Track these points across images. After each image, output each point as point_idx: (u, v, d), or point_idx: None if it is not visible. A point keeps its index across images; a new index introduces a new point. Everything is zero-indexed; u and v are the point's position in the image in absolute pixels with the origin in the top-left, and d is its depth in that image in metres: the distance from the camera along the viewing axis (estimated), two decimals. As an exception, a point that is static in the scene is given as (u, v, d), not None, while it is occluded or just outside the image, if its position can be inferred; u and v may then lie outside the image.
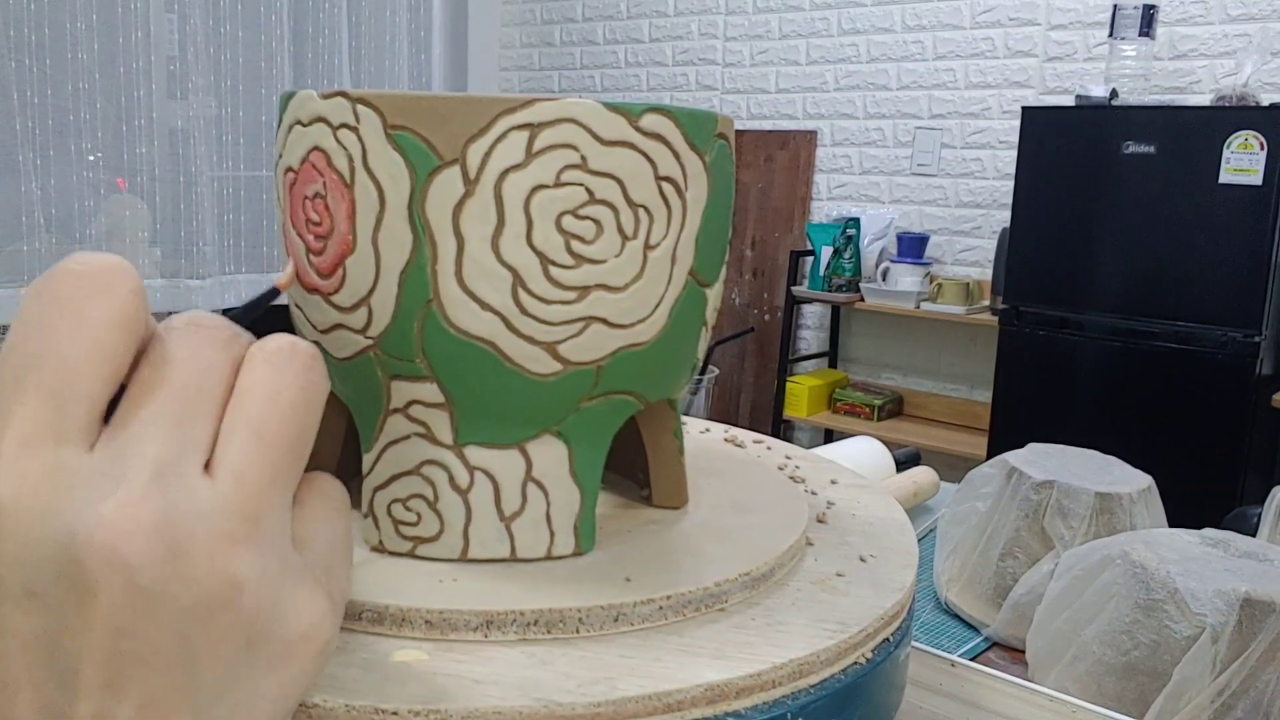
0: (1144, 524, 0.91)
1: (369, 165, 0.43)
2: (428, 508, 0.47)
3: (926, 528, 1.19)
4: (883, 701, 0.47)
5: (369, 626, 0.41)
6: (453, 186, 0.43)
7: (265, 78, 3.05)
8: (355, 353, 0.46)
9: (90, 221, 2.75)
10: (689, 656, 0.43)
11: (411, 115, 0.42)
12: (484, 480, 0.47)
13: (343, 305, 0.45)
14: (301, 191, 0.45)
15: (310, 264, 0.45)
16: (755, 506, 0.59)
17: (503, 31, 4.25)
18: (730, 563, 0.50)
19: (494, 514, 0.47)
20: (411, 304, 0.44)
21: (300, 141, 0.45)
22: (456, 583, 0.45)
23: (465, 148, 0.42)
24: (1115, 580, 0.75)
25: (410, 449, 0.46)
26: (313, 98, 0.44)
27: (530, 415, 0.47)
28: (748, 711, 0.42)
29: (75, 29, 2.62)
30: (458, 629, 0.42)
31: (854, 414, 3.32)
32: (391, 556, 0.47)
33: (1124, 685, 0.73)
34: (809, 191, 3.56)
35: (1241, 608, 0.68)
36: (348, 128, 0.43)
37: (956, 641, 0.93)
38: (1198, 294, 2.47)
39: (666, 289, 0.48)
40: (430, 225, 0.43)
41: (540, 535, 0.48)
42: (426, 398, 0.46)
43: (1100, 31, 2.91)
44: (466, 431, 0.46)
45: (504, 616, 0.43)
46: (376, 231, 0.43)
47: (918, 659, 0.65)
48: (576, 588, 0.46)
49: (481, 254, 0.43)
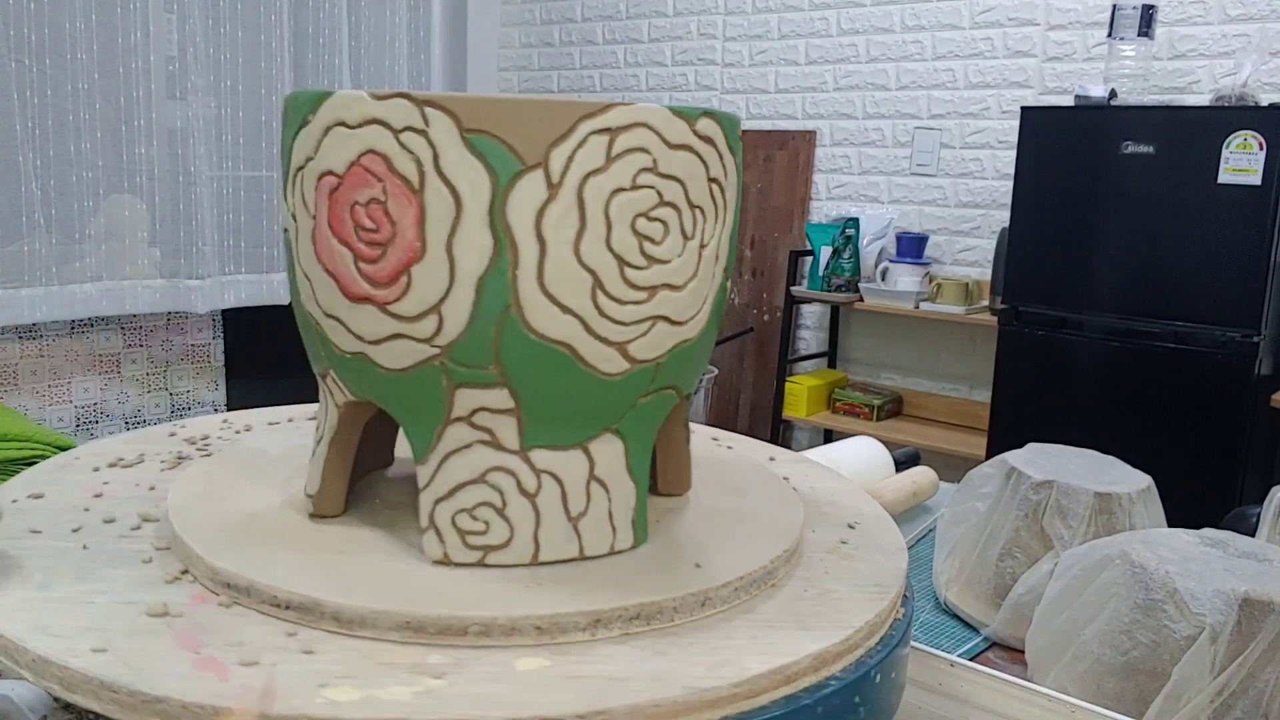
0: (1143, 524, 0.91)
1: (442, 169, 0.42)
2: (496, 515, 0.46)
3: (926, 528, 1.19)
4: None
5: (476, 640, 0.42)
6: (536, 190, 0.42)
7: (265, 78, 3.04)
8: (416, 362, 0.44)
9: (90, 221, 2.75)
10: (781, 631, 0.45)
11: (490, 119, 0.42)
12: (551, 483, 0.47)
13: (406, 314, 0.43)
14: (348, 197, 0.43)
15: (360, 273, 0.44)
16: (745, 489, 0.61)
17: (502, 31, 4.25)
18: (767, 541, 0.53)
19: (562, 515, 0.47)
20: (489, 310, 0.43)
21: (346, 144, 0.43)
22: (543, 587, 0.45)
23: (549, 151, 0.42)
24: (1114, 580, 0.75)
25: (474, 457, 0.46)
26: (363, 99, 0.42)
27: (595, 415, 0.47)
28: (843, 672, 0.44)
29: (75, 29, 2.62)
30: (567, 631, 0.43)
31: (853, 414, 3.32)
32: (460, 568, 0.47)
33: (1123, 685, 0.73)
34: (808, 191, 3.56)
35: (1241, 608, 0.69)
36: (414, 131, 0.42)
37: (956, 641, 0.93)
38: (1197, 294, 2.47)
39: (710, 286, 0.49)
40: (512, 230, 0.42)
41: (604, 532, 0.49)
42: (494, 404, 0.45)
43: (1099, 31, 2.91)
44: (533, 435, 0.46)
45: (609, 614, 0.43)
46: (451, 237, 0.42)
47: (918, 659, 0.65)
48: (659, 579, 0.47)
49: (563, 257, 0.43)
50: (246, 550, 0.47)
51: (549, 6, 4.12)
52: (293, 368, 2.99)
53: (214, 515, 0.51)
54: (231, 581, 0.45)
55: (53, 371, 2.79)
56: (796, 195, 3.58)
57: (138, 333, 2.96)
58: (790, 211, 3.60)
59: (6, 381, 2.70)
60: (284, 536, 0.50)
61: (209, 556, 0.46)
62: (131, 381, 2.96)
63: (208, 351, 3.13)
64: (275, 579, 0.44)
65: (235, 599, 0.45)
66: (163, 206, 2.88)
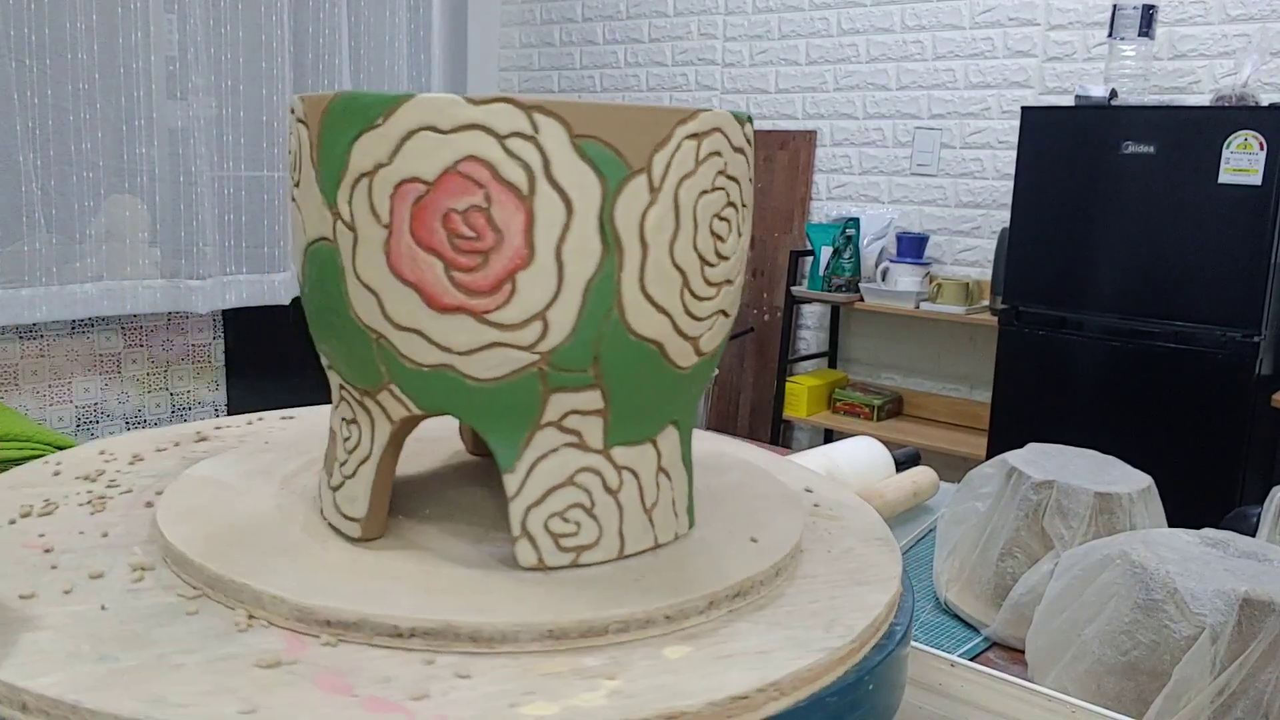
0: (1143, 524, 0.91)
1: (552, 175, 0.42)
2: (586, 515, 0.47)
3: (926, 528, 1.19)
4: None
5: (616, 638, 0.43)
6: (640, 194, 0.43)
7: (265, 78, 3.05)
8: (513, 370, 0.44)
9: (90, 221, 2.75)
10: (845, 587, 0.50)
11: (599, 125, 0.42)
12: (630, 478, 0.48)
13: (507, 322, 0.43)
14: (440, 204, 0.42)
15: (454, 282, 0.43)
16: (719, 469, 0.63)
17: (502, 31, 4.25)
18: (782, 512, 0.57)
19: (640, 508, 0.49)
20: (594, 313, 0.44)
21: (436, 150, 0.42)
22: (644, 578, 0.47)
23: (651, 156, 0.43)
24: (1115, 580, 0.75)
25: (563, 461, 0.46)
26: (459, 102, 0.42)
27: (667, 409, 0.49)
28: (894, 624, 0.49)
29: (75, 29, 2.62)
30: (689, 616, 0.45)
31: (854, 414, 3.32)
32: (554, 572, 0.47)
33: (1123, 685, 0.73)
34: (808, 191, 3.56)
35: (1241, 608, 0.69)
36: (522, 137, 0.42)
37: (956, 641, 0.93)
38: (1197, 294, 2.47)
39: (743, 279, 0.52)
40: (619, 233, 0.43)
41: (670, 520, 0.51)
42: (585, 406, 0.46)
43: (1100, 31, 2.91)
44: (615, 434, 0.47)
45: (719, 595, 0.46)
46: (561, 243, 0.42)
47: (918, 659, 0.65)
48: (736, 557, 0.50)
49: (661, 258, 0.45)
50: (320, 583, 0.44)
51: (549, 6, 4.12)
52: (293, 368, 2.97)
53: (245, 551, 0.48)
54: (333, 619, 0.42)
55: (53, 371, 2.79)
56: (797, 195, 3.58)
57: (138, 333, 2.96)
58: (790, 211, 3.60)
59: (6, 381, 2.70)
60: (345, 564, 0.47)
61: (292, 596, 0.43)
62: (132, 381, 2.96)
63: (208, 351, 3.13)
64: (385, 608, 0.42)
65: (340, 636, 0.42)
66: (163, 206, 2.88)
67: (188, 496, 0.55)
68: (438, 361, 0.44)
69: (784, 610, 0.46)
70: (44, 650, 0.40)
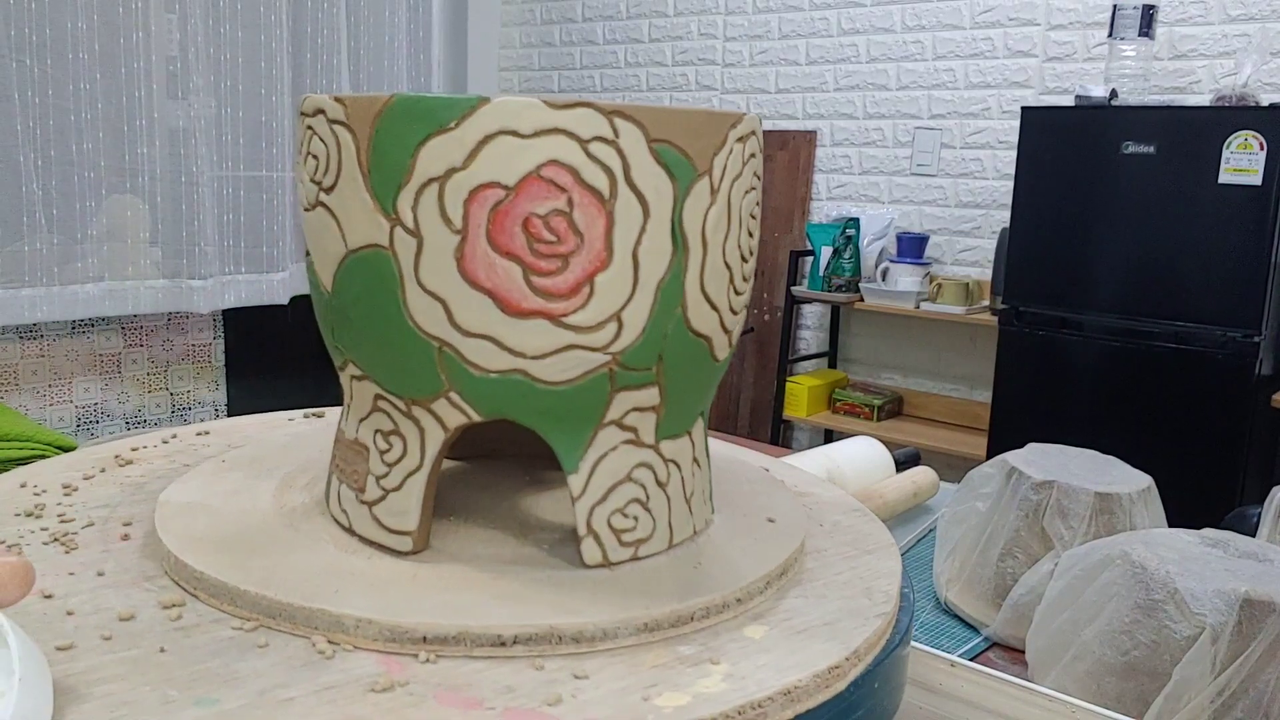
0: (1144, 524, 0.91)
1: (632, 179, 0.43)
2: (642, 509, 0.49)
3: (926, 528, 1.19)
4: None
5: (701, 624, 0.45)
6: (704, 196, 0.45)
7: (265, 78, 3.04)
8: (585, 372, 0.45)
9: (91, 221, 2.75)
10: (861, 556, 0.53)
11: (671, 129, 0.44)
12: (674, 471, 0.50)
13: (584, 324, 0.44)
14: (521, 209, 0.42)
15: (532, 286, 0.43)
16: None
17: (502, 31, 4.25)
18: (781, 497, 0.58)
19: (683, 499, 0.51)
20: (664, 312, 0.45)
21: (518, 155, 0.42)
22: (700, 566, 0.49)
23: (713, 159, 0.45)
24: (1115, 580, 0.75)
25: (621, 458, 0.48)
26: (539, 106, 0.42)
27: (703, 401, 0.51)
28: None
29: (76, 29, 2.62)
30: (754, 596, 0.47)
31: (854, 414, 3.32)
32: (615, 566, 0.48)
33: (1124, 685, 0.73)
34: (809, 191, 3.56)
35: (1241, 608, 0.69)
36: (603, 141, 0.42)
37: (956, 641, 0.93)
38: (1197, 294, 2.47)
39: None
40: (686, 234, 0.45)
41: (703, 507, 0.53)
42: (644, 403, 0.47)
43: (1100, 32, 2.91)
44: (665, 428, 0.49)
45: (774, 574, 0.49)
46: (638, 245, 0.44)
47: (918, 659, 0.65)
48: (769, 538, 0.52)
49: (717, 258, 0.47)
50: (394, 602, 0.43)
51: (549, 6, 4.12)
52: (293, 368, 2.98)
53: (293, 575, 0.46)
54: (429, 635, 0.41)
55: (53, 371, 2.79)
56: (797, 195, 3.58)
57: (138, 333, 2.96)
58: (791, 211, 3.60)
59: (7, 381, 2.70)
60: (407, 579, 0.46)
61: (381, 616, 0.42)
62: (132, 382, 2.96)
63: (208, 351, 3.13)
64: (478, 620, 0.41)
65: (438, 652, 0.41)
66: (164, 206, 2.88)
67: (181, 523, 0.52)
68: (508, 367, 0.44)
69: (819, 583, 0.49)
70: (129, 701, 0.37)
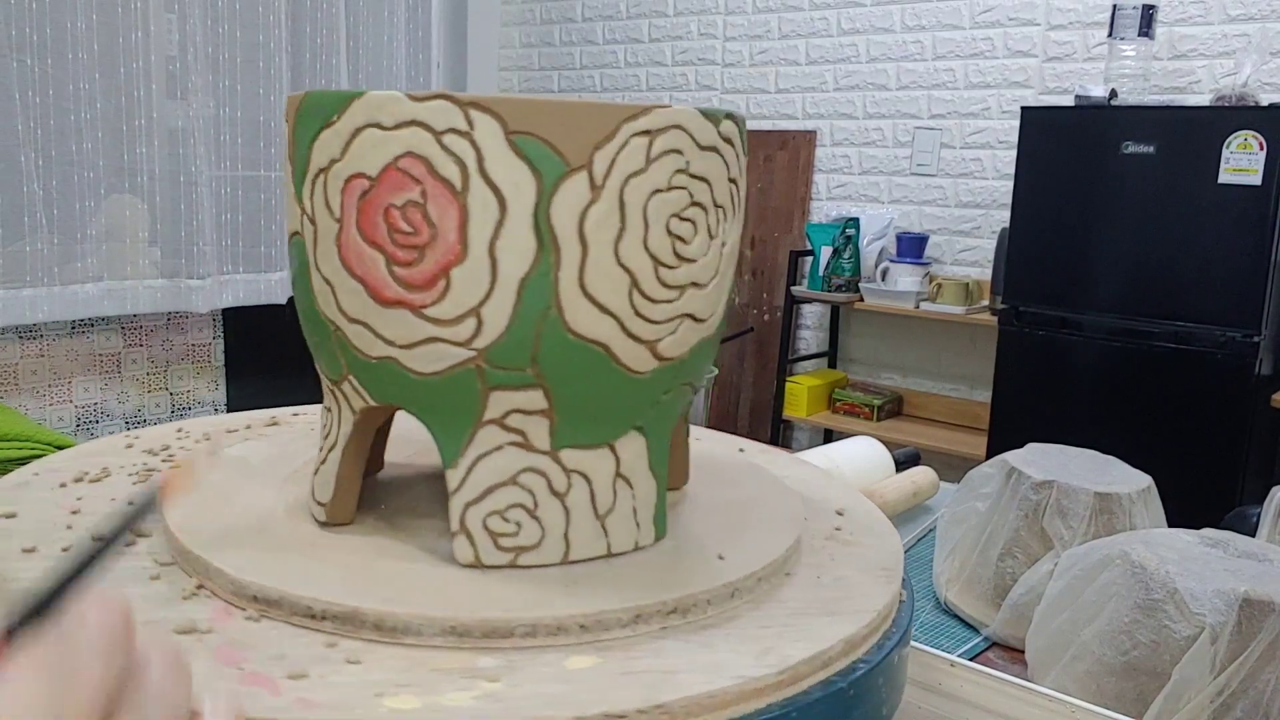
0: (1143, 524, 0.91)
1: (487, 172, 0.42)
2: (528, 516, 0.47)
3: (926, 528, 1.19)
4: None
5: (522, 641, 0.42)
6: (580, 192, 0.43)
7: (264, 78, 3.04)
8: (450, 366, 0.44)
9: (90, 221, 2.75)
10: (810, 618, 0.47)
11: (535, 120, 0.42)
12: (581, 482, 0.47)
13: (442, 318, 0.43)
14: (382, 200, 0.43)
15: (394, 277, 0.43)
16: (735, 480, 0.62)
17: (502, 31, 4.25)
18: (776, 530, 0.55)
19: (591, 514, 0.48)
20: (530, 312, 0.43)
21: (380, 146, 0.43)
22: (579, 585, 0.46)
23: (593, 153, 0.43)
24: (1115, 580, 0.75)
25: (506, 459, 0.46)
26: (400, 99, 0.42)
27: (623, 413, 0.48)
28: (868, 655, 0.46)
29: (76, 29, 2.62)
30: (610, 628, 0.43)
31: (854, 414, 3.32)
32: (491, 571, 0.47)
33: (1123, 685, 0.73)
34: (808, 191, 3.56)
35: (1241, 608, 0.69)
36: (457, 133, 0.42)
37: (956, 641, 0.93)
38: (1197, 294, 2.47)
39: (727, 283, 0.51)
40: (555, 231, 0.43)
41: (629, 529, 0.50)
42: (528, 405, 0.45)
43: (1100, 31, 2.91)
44: (563, 436, 0.46)
45: (649, 609, 0.44)
46: (495, 240, 0.42)
47: (918, 659, 0.65)
48: (688, 572, 0.48)
49: (604, 258, 0.44)
50: (265, 561, 0.46)
51: (549, 6, 4.12)
52: (293, 367, 2.98)
53: (219, 526, 0.50)
54: (259, 594, 0.44)
55: (53, 371, 2.79)
56: (797, 195, 3.58)
57: (138, 333, 2.96)
58: (790, 211, 3.60)
59: (7, 381, 2.70)
60: (300, 546, 0.49)
61: (231, 570, 0.45)
62: (132, 381, 2.96)
63: (208, 351, 3.13)
64: (308, 589, 0.43)
65: (264, 612, 0.44)
66: (163, 206, 2.88)
67: None
68: (383, 354, 0.45)
69: (724, 634, 0.44)
70: None
